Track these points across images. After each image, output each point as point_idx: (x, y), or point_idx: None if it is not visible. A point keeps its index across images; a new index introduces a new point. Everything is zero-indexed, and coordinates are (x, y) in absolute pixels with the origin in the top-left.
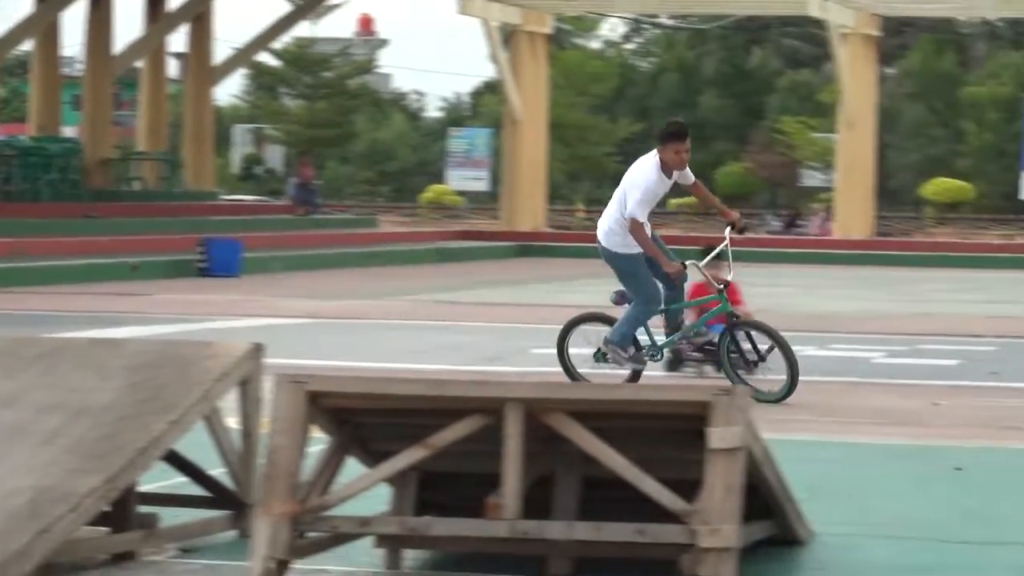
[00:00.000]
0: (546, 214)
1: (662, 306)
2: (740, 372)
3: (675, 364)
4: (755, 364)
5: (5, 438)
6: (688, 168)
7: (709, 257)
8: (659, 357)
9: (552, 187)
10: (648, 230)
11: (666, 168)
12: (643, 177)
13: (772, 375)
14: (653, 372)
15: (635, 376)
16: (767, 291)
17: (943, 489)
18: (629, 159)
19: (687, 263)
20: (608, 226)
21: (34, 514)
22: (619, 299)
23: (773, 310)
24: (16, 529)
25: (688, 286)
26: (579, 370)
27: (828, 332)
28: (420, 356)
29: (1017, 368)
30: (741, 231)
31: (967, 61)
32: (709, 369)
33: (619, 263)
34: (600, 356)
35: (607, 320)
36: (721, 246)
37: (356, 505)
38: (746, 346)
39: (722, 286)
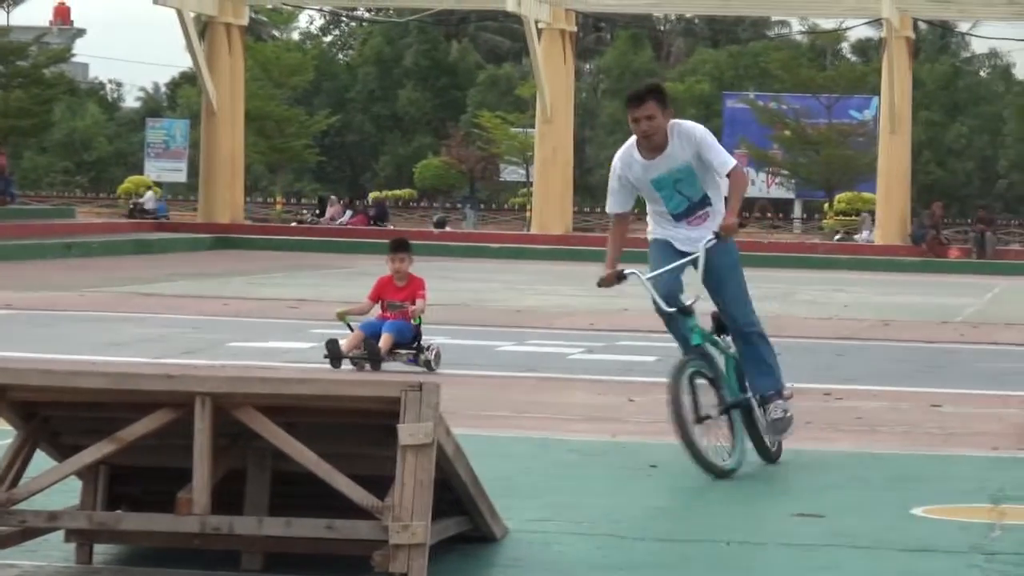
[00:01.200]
0: (244, 206)
1: (665, 312)
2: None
3: (336, 361)
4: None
5: None
6: (720, 153)
7: (666, 268)
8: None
9: (252, 179)
10: (658, 227)
11: (640, 147)
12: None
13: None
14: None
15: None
16: (468, 286)
17: (638, 486)
18: (326, 151)
19: (628, 272)
20: None
21: None
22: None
23: (475, 305)
24: None
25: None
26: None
27: (526, 327)
28: (116, 349)
29: None
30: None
31: (665, 57)
32: (368, 367)
33: None
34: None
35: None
36: (690, 257)
37: (48, 499)
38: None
39: (673, 309)
